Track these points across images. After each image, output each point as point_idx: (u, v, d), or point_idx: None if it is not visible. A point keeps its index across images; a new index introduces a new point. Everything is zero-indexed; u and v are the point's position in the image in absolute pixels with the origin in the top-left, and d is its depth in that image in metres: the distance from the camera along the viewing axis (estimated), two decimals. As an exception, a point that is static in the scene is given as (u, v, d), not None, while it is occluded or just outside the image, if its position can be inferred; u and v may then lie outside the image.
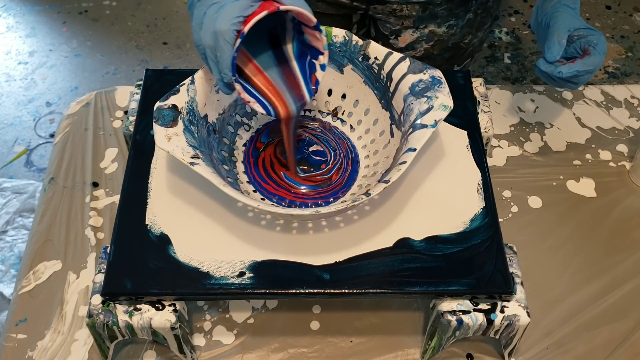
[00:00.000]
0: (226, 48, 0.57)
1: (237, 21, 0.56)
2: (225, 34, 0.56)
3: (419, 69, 0.68)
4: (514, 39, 2.11)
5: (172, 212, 0.66)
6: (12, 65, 2.02)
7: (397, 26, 0.93)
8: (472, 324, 0.63)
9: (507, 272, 0.63)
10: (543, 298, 0.75)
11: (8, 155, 1.79)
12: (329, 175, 0.71)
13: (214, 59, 0.59)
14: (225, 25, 0.56)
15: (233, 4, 0.57)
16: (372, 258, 0.63)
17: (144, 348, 0.71)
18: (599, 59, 0.73)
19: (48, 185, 0.84)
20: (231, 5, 0.56)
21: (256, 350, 0.71)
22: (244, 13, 0.56)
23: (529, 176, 0.86)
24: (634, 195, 0.84)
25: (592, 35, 0.74)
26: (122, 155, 0.86)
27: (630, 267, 0.78)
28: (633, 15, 2.19)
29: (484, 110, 0.79)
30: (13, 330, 0.72)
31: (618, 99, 0.95)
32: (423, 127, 0.64)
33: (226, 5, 0.57)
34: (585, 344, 0.72)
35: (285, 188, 0.70)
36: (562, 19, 0.74)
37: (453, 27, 0.92)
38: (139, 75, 1.93)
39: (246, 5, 0.57)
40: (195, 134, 0.64)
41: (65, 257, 0.77)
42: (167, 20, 2.16)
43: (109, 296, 0.61)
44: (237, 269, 0.62)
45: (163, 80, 0.77)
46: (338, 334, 0.72)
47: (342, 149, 0.73)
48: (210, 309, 0.73)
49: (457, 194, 0.69)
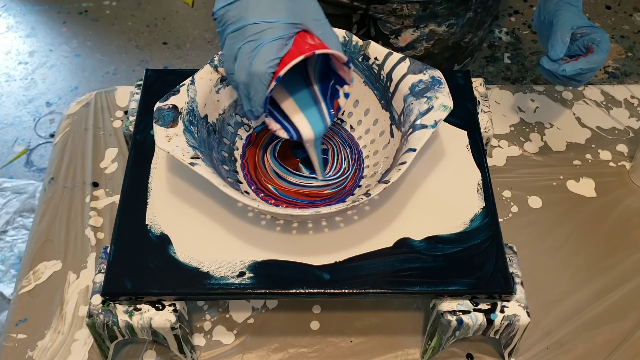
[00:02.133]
0: (261, 89, 0.58)
1: (274, 64, 0.57)
2: (262, 76, 0.57)
3: (418, 69, 0.68)
4: (514, 39, 2.11)
5: (172, 212, 0.66)
6: (12, 65, 2.02)
7: (398, 25, 0.93)
8: (472, 324, 0.63)
9: (507, 272, 0.63)
10: (543, 298, 0.75)
11: (8, 155, 1.80)
12: (345, 184, 0.70)
13: (247, 94, 0.59)
14: (262, 68, 0.57)
15: (270, 45, 0.56)
16: (372, 258, 0.63)
17: (144, 348, 0.71)
18: (602, 56, 0.73)
19: (48, 185, 0.84)
20: (268, 46, 0.56)
21: (256, 350, 0.71)
22: (280, 54, 0.57)
23: (529, 176, 0.86)
24: (634, 195, 0.84)
25: (595, 33, 0.74)
26: (122, 155, 0.86)
27: (630, 267, 0.78)
28: (633, 15, 2.19)
29: (484, 110, 0.79)
30: (13, 330, 0.72)
31: (618, 99, 0.95)
32: (423, 127, 0.64)
33: (263, 46, 0.56)
34: (585, 344, 0.72)
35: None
36: (565, 17, 0.75)
37: (453, 26, 0.92)
38: (139, 75, 1.93)
39: (282, 44, 0.57)
40: (196, 134, 0.64)
41: (65, 257, 0.77)
42: (167, 20, 2.16)
43: (109, 296, 0.61)
44: (237, 269, 0.62)
45: (163, 80, 0.77)
46: (338, 334, 0.72)
47: (350, 152, 0.73)
48: (210, 309, 0.73)
49: (457, 194, 0.69)
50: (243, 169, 0.71)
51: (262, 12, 0.56)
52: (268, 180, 0.70)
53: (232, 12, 0.57)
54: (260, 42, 0.56)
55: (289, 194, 0.69)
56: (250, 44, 0.57)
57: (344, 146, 0.73)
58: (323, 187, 0.70)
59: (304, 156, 0.72)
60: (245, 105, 0.61)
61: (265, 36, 0.56)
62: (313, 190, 0.69)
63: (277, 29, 0.57)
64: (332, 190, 0.69)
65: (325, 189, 0.70)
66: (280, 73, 0.57)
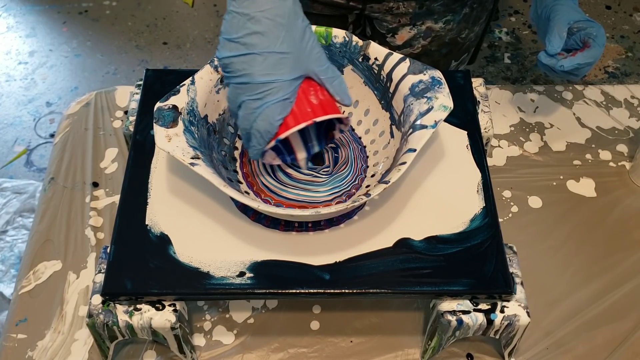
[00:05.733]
0: (261, 143, 0.60)
1: (277, 124, 0.59)
2: (263, 134, 0.59)
3: (418, 69, 0.68)
4: (514, 39, 2.11)
5: (172, 212, 0.66)
6: (12, 65, 2.02)
7: (394, 24, 0.94)
8: (472, 324, 0.63)
9: (507, 272, 0.63)
10: (543, 298, 0.75)
11: (8, 155, 1.80)
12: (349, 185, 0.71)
13: (247, 141, 0.62)
14: (265, 127, 0.59)
15: (274, 106, 0.58)
16: (372, 258, 0.63)
17: (144, 348, 0.71)
18: (599, 50, 0.75)
19: (48, 185, 0.84)
20: (272, 107, 0.58)
21: (256, 350, 0.71)
22: (284, 114, 0.59)
23: (529, 176, 0.86)
24: (634, 195, 0.84)
25: (592, 27, 0.75)
26: (122, 155, 0.86)
27: (630, 267, 0.78)
28: (633, 15, 2.19)
29: (484, 110, 0.79)
30: (13, 330, 0.72)
31: (618, 99, 0.95)
32: (423, 127, 0.64)
33: (267, 106, 0.58)
34: (585, 344, 0.72)
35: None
36: (562, 12, 0.76)
37: (450, 22, 0.93)
38: (139, 75, 1.93)
39: (285, 105, 0.59)
40: (196, 134, 0.64)
41: (65, 257, 0.77)
42: (167, 20, 2.16)
43: (109, 296, 0.61)
44: (237, 269, 0.62)
45: (163, 81, 0.77)
46: (338, 334, 0.72)
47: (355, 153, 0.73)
48: (210, 309, 0.73)
49: (457, 194, 0.69)
50: (243, 169, 0.71)
51: (268, 70, 0.57)
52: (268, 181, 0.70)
53: (237, 64, 0.58)
54: (264, 101, 0.58)
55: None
56: (255, 101, 0.58)
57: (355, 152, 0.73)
58: (321, 184, 0.70)
59: None
60: (245, 144, 0.63)
61: (269, 96, 0.57)
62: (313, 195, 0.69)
63: (281, 89, 0.58)
64: (331, 192, 0.69)
65: (324, 191, 0.70)
66: (280, 137, 0.59)
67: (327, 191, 0.69)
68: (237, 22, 0.57)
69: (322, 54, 0.60)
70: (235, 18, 0.57)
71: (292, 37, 0.57)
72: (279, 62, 0.57)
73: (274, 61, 0.57)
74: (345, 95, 0.63)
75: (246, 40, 0.57)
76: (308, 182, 0.70)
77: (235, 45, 0.57)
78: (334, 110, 0.62)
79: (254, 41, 0.56)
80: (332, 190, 0.69)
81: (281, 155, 0.67)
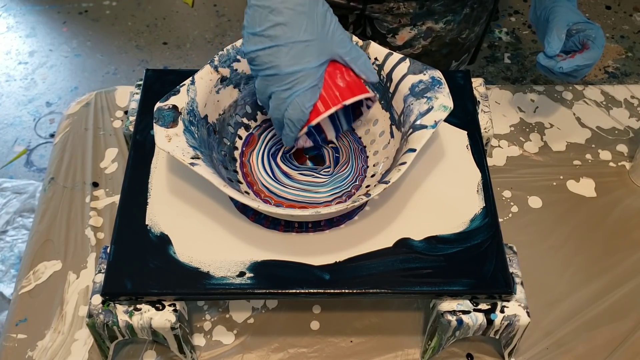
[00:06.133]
0: (294, 131, 0.62)
1: (307, 111, 0.60)
2: (296, 122, 0.61)
3: (418, 69, 0.68)
4: (514, 39, 2.11)
5: (172, 212, 0.66)
6: (12, 65, 2.02)
7: (395, 24, 0.94)
8: (472, 324, 0.63)
9: (507, 272, 0.63)
10: (543, 298, 0.75)
11: (8, 155, 1.80)
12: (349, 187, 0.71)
13: (279, 129, 0.63)
14: (296, 115, 0.60)
15: (303, 94, 0.59)
16: (372, 258, 0.63)
17: (144, 348, 0.71)
18: (598, 52, 0.75)
19: (48, 185, 0.84)
20: (302, 95, 0.59)
21: (256, 350, 0.71)
22: (313, 100, 0.60)
23: (529, 176, 0.86)
24: (634, 195, 0.84)
25: (591, 29, 0.76)
26: (122, 155, 0.86)
27: (630, 267, 0.78)
28: (633, 15, 2.19)
29: (484, 110, 0.79)
30: (13, 330, 0.72)
31: (618, 99, 0.95)
32: (423, 127, 0.64)
33: (297, 95, 0.59)
34: (585, 344, 0.72)
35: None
36: (561, 14, 0.76)
37: (450, 22, 0.93)
38: (139, 75, 1.93)
39: (314, 91, 0.60)
40: (196, 134, 0.64)
41: (65, 257, 0.77)
42: (167, 20, 2.16)
43: (109, 296, 0.61)
44: (237, 269, 0.62)
45: (163, 81, 0.77)
46: (338, 334, 0.72)
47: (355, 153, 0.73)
48: (210, 309, 0.73)
49: (457, 194, 0.69)
50: (243, 169, 0.71)
51: (294, 59, 0.58)
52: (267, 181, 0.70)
53: (263, 57, 0.58)
54: (294, 90, 0.59)
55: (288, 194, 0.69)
56: (284, 92, 0.59)
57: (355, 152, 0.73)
58: (321, 185, 0.70)
59: (312, 153, 0.72)
60: (277, 131, 0.64)
61: (298, 85, 0.59)
62: (313, 195, 0.69)
63: (309, 76, 0.59)
64: (331, 193, 0.69)
65: (324, 190, 0.70)
66: (312, 123, 0.61)
67: (328, 192, 0.69)
68: (260, 15, 0.57)
69: (345, 36, 0.61)
70: (257, 11, 0.57)
71: (315, 24, 0.58)
72: (304, 50, 0.58)
73: (299, 50, 0.58)
74: (370, 73, 0.64)
75: (270, 33, 0.57)
76: (308, 183, 0.70)
77: (260, 38, 0.58)
78: (361, 90, 0.63)
79: (277, 33, 0.57)
80: (332, 191, 0.69)
81: (312, 137, 0.68)
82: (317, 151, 0.72)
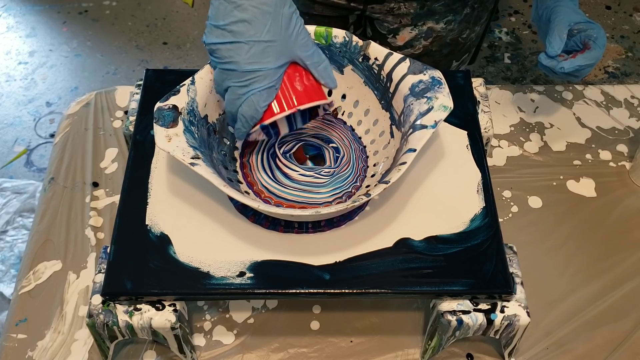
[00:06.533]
0: (245, 127, 0.62)
1: (262, 110, 0.61)
2: (249, 119, 0.61)
3: (419, 69, 0.68)
4: (514, 39, 2.11)
5: (172, 212, 0.66)
6: (12, 65, 2.02)
7: (395, 24, 0.94)
8: (472, 324, 0.63)
9: (507, 272, 0.63)
10: (543, 298, 0.75)
11: (8, 155, 1.80)
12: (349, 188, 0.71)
13: (232, 122, 0.64)
14: (250, 112, 0.60)
15: (260, 93, 0.59)
16: (372, 258, 0.63)
17: (144, 348, 0.71)
18: (599, 52, 0.75)
19: (48, 185, 0.84)
20: (257, 94, 0.59)
21: (256, 350, 0.71)
22: (268, 101, 0.60)
23: (529, 176, 0.86)
24: (634, 195, 0.84)
25: (592, 29, 0.76)
26: (122, 155, 0.86)
27: (630, 267, 0.78)
28: (633, 15, 2.19)
29: (484, 110, 0.79)
30: (13, 330, 0.72)
31: (618, 99, 0.95)
32: (423, 127, 0.64)
33: (252, 93, 0.59)
34: (585, 344, 0.72)
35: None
36: (563, 13, 0.76)
37: (451, 22, 0.93)
38: (139, 75, 1.93)
39: (270, 92, 0.60)
40: (196, 134, 0.64)
41: (65, 257, 0.77)
42: (167, 20, 2.16)
43: (109, 296, 0.61)
44: (237, 269, 0.62)
45: (163, 80, 0.77)
46: (338, 334, 0.72)
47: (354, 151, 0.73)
48: (210, 309, 0.73)
49: (457, 194, 0.69)
50: (243, 169, 0.71)
51: (253, 58, 0.58)
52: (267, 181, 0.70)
53: (224, 51, 0.58)
54: (250, 88, 0.59)
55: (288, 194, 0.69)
56: (241, 88, 0.59)
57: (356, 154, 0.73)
58: (321, 185, 0.70)
59: (313, 153, 0.72)
60: (229, 123, 0.65)
61: (255, 84, 0.59)
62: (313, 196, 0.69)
63: (267, 76, 0.59)
64: (331, 193, 0.69)
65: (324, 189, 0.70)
66: (264, 122, 0.62)
67: (328, 192, 0.69)
68: (224, 9, 0.57)
69: (308, 39, 0.61)
70: (222, 5, 0.58)
71: (278, 25, 0.58)
72: (265, 50, 0.58)
73: (259, 50, 0.58)
74: (329, 79, 0.64)
75: (232, 28, 0.57)
76: (308, 183, 0.70)
77: (222, 32, 0.58)
78: (318, 96, 0.63)
79: (240, 29, 0.57)
80: (333, 192, 0.69)
81: (265, 130, 0.67)
82: (317, 151, 0.72)
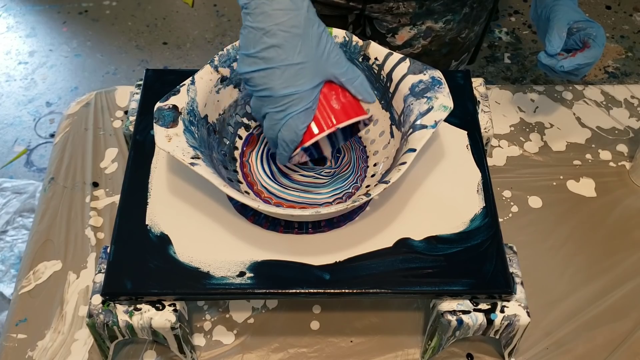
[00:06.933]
0: (287, 151, 0.62)
1: (301, 133, 0.60)
2: (289, 143, 0.61)
3: (418, 69, 0.68)
4: (514, 39, 2.11)
5: (172, 212, 0.66)
6: (12, 65, 2.02)
7: (394, 24, 0.94)
8: (472, 324, 0.63)
9: (507, 272, 0.63)
10: (543, 298, 0.75)
11: (8, 155, 1.80)
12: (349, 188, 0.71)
13: (274, 146, 0.63)
14: (290, 136, 0.60)
15: (297, 116, 0.59)
16: (372, 258, 0.63)
17: (144, 348, 0.71)
18: (598, 51, 0.75)
19: (48, 185, 0.84)
20: (295, 117, 0.59)
21: (256, 350, 0.71)
22: (307, 123, 0.60)
23: (529, 176, 0.86)
24: (634, 195, 0.84)
25: (591, 27, 0.76)
26: (122, 155, 0.86)
27: (630, 267, 0.78)
28: (633, 15, 2.19)
29: (484, 110, 0.79)
30: (13, 330, 0.72)
31: (618, 99, 0.95)
32: (423, 127, 0.64)
33: (290, 117, 0.59)
34: (585, 344, 0.72)
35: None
36: (562, 12, 0.76)
37: (450, 22, 0.93)
38: (139, 75, 1.93)
39: (308, 114, 0.60)
40: (196, 134, 0.64)
41: (65, 257, 0.77)
42: (167, 20, 2.16)
43: (109, 296, 0.61)
44: (237, 269, 0.62)
45: (163, 80, 0.77)
46: (338, 334, 0.72)
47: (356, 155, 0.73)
48: (210, 309, 0.73)
49: (457, 194, 0.69)
50: (243, 169, 0.71)
51: (287, 82, 0.57)
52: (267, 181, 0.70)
53: (257, 79, 0.58)
54: (287, 112, 0.59)
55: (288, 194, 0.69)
56: (278, 113, 0.59)
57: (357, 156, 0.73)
58: (321, 185, 0.70)
59: None
60: (271, 148, 0.65)
61: (292, 107, 0.58)
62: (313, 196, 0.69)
63: (302, 99, 0.58)
64: (333, 193, 0.69)
65: (324, 190, 0.70)
66: (305, 145, 0.61)
67: (328, 192, 0.69)
68: (254, 37, 0.57)
69: (341, 56, 0.61)
70: (251, 33, 0.57)
71: (309, 45, 0.58)
72: (298, 72, 0.57)
73: (292, 73, 0.57)
74: (367, 94, 0.63)
75: (264, 55, 0.57)
76: (308, 184, 0.70)
77: (254, 60, 0.58)
78: (356, 112, 0.62)
79: (271, 55, 0.57)
80: (333, 192, 0.69)
81: (308, 152, 0.68)
82: None
